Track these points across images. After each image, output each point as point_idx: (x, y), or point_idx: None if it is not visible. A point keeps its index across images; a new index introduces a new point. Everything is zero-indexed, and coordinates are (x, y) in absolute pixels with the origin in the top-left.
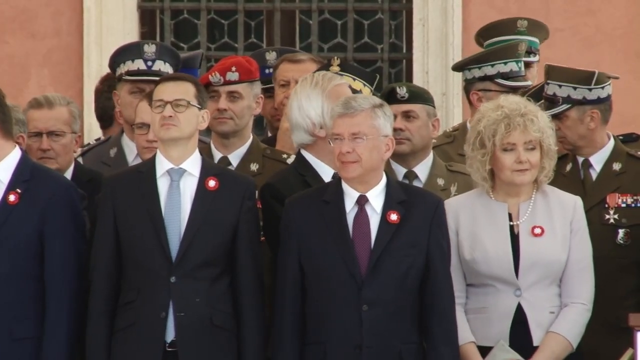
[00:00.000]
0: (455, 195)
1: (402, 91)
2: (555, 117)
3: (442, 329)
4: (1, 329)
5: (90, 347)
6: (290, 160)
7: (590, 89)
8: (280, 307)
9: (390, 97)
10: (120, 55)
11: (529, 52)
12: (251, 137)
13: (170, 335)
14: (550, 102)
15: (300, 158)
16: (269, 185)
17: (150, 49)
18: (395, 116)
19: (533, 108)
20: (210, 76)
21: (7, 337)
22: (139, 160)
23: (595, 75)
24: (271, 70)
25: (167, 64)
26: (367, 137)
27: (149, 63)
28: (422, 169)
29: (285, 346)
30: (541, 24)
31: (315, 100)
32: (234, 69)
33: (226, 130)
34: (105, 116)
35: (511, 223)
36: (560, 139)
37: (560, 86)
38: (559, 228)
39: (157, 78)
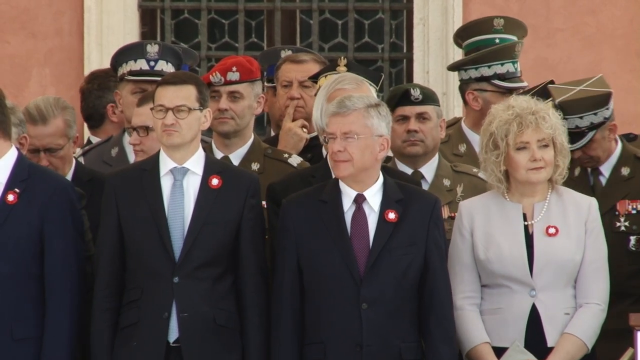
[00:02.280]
0: (461, 196)
1: (416, 93)
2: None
3: (440, 328)
4: (2, 329)
5: (94, 344)
6: (291, 160)
7: (607, 108)
8: (279, 306)
9: (404, 99)
10: (123, 55)
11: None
12: (252, 136)
13: (173, 335)
14: (575, 135)
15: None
16: (270, 187)
17: (152, 49)
18: (408, 117)
19: (544, 106)
20: (211, 76)
21: (8, 338)
22: None
23: (612, 95)
24: None
25: (169, 63)
26: (358, 136)
27: (152, 63)
28: (428, 170)
29: (285, 346)
30: (519, 22)
31: (318, 103)
32: (234, 69)
33: (227, 130)
34: (96, 115)
35: (526, 223)
36: (585, 161)
37: (581, 117)
38: (574, 228)
39: (160, 78)
